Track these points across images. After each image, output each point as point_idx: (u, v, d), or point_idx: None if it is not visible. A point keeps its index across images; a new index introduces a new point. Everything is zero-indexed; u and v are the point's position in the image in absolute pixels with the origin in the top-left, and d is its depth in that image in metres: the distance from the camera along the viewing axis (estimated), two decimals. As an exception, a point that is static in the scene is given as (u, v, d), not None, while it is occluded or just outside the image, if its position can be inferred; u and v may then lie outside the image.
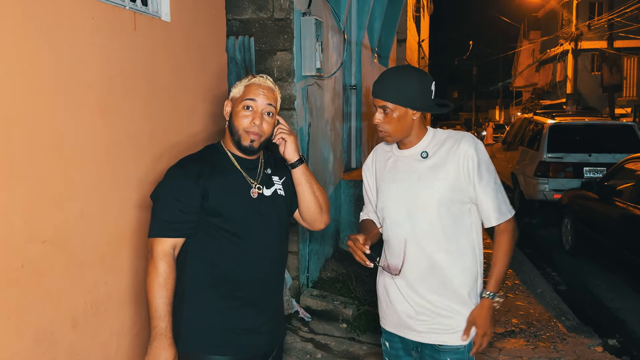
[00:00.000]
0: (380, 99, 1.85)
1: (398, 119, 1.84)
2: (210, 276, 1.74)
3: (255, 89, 1.77)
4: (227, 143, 1.84)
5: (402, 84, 1.83)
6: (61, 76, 2.10)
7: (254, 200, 1.78)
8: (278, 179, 1.89)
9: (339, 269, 4.86)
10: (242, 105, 1.77)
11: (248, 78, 1.82)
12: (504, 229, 1.88)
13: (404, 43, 11.49)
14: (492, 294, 1.86)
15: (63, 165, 2.13)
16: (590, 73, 23.13)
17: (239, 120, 1.76)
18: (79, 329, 2.26)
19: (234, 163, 1.81)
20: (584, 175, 7.76)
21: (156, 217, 1.72)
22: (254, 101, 1.75)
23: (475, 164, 1.84)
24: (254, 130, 1.75)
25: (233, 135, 1.78)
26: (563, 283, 5.66)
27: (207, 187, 1.72)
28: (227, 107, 1.84)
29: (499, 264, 1.88)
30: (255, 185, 1.81)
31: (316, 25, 4.01)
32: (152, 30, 2.72)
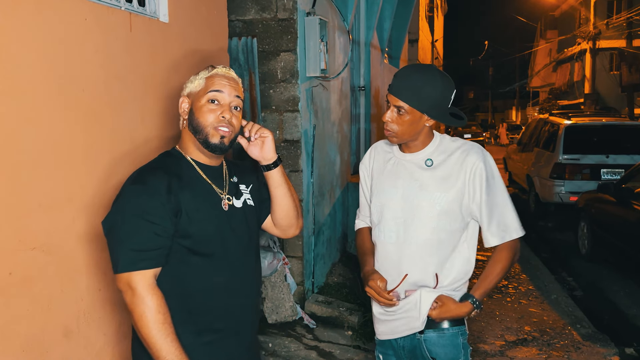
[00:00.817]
0: (397, 98, 1.72)
1: (410, 123, 1.74)
2: (184, 311, 1.51)
3: (220, 79, 1.57)
4: (186, 149, 1.61)
5: (425, 88, 1.70)
6: (52, 79, 2.05)
7: (226, 214, 1.59)
8: (245, 187, 1.72)
9: (346, 273, 4.77)
10: (206, 98, 1.55)
11: (208, 69, 1.61)
12: (507, 246, 1.78)
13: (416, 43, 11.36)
14: (478, 304, 1.77)
15: (53, 170, 2.08)
16: (609, 72, 22.72)
17: (204, 116, 1.54)
18: (72, 337, 2.22)
19: (198, 172, 1.59)
20: (601, 177, 7.59)
21: (123, 247, 1.42)
22: (220, 93, 1.55)
23: (483, 178, 1.74)
24: (223, 125, 1.54)
25: (198, 134, 1.55)
26: (579, 289, 5.50)
27: (179, 203, 1.48)
28: (184, 103, 1.60)
29: (492, 277, 1.78)
30: (225, 195, 1.62)
31: (320, 25, 3.94)
32: (149, 32, 2.67)
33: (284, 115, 3.99)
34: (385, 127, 1.79)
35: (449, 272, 1.79)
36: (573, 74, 25.36)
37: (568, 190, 7.74)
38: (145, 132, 2.64)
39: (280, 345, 3.53)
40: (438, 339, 1.78)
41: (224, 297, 1.56)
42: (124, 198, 1.48)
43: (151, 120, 2.69)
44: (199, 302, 1.53)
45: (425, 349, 1.79)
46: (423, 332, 1.80)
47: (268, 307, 3.83)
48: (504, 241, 1.77)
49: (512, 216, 1.77)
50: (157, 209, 1.44)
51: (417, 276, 1.79)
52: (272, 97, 4.00)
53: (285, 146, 4.04)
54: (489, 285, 1.78)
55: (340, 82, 5.17)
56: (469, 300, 1.77)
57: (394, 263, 1.81)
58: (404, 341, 1.85)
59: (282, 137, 4.03)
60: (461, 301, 1.79)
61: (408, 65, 1.82)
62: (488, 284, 1.78)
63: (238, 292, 1.60)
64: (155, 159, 1.62)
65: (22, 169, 1.93)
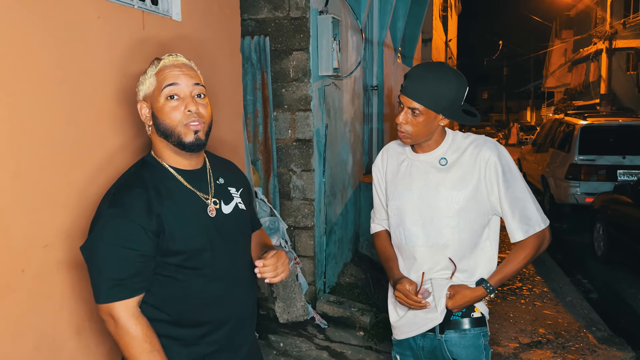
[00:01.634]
0: (411, 99, 1.68)
1: (425, 123, 1.71)
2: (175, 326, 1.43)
3: (170, 70, 1.41)
4: (161, 155, 1.46)
5: (440, 88, 1.66)
6: (65, 77, 2.06)
7: (213, 221, 1.46)
8: (235, 191, 1.57)
9: (358, 274, 4.74)
10: (163, 96, 1.40)
11: (154, 64, 1.45)
12: (534, 234, 1.74)
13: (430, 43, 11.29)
14: (492, 289, 1.73)
15: (65, 168, 2.08)
16: (625, 73, 22.39)
17: (169, 116, 1.39)
18: (83, 335, 2.22)
19: (179, 180, 1.44)
20: (618, 179, 7.47)
21: (103, 277, 1.33)
22: (176, 86, 1.40)
23: (499, 172, 1.70)
24: (192, 119, 1.39)
25: (169, 137, 1.41)
26: (594, 291, 5.42)
27: (161, 222, 1.36)
28: (144, 109, 1.45)
29: (513, 264, 1.74)
30: (211, 200, 1.48)
31: (333, 24, 3.92)
32: (162, 30, 2.67)
33: (296, 114, 3.98)
34: (398, 129, 1.76)
35: (474, 272, 1.77)
36: (589, 74, 25.05)
37: (583, 192, 7.64)
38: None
39: (291, 345, 3.52)
40: (459, 340, 1.76)
41: (217, 310, 1.47)
42: (100, 224, 1.37)
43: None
44: (190, 316, 1.44)
45: (446, 350, 1.76)
46: (444, 332, 1.77)
47: (279, 306, 3.82)
48: (528, 235, 1.73)
49: (534, 208, 1.73)
50: (136, 234, 1.34)
51: (442, 275, 1.76)
52: (284, 96, 3.98)
53: (297, 145, 4.02)
54: (509, 272, 1.74)
55: (353, 82, 5.14)
56: (482, 285, 1.74)
57: (416, 265, 1.79)
58: (424, 341, 1.82)
59: (294, 136, 4.01)
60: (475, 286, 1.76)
61: (419, 65, 1.78)
62: (508, 270, 1.74)
63: (233, 303, 1.51)
64: (131, 173, 1.48)
65: (34, 166, 1.94)
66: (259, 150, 3.91)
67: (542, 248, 1.76)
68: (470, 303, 1.74)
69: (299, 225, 4.04)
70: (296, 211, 4.06)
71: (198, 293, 1.43)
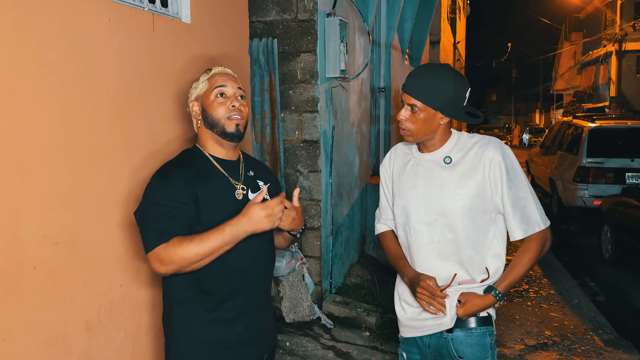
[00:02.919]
0: (410, 96, 1.73)
1: (424, 121, 1.74)
2: (199, 289, 1.66)
3: (220, 76, 1.75)
4: (204, 145, 1.77)
5: (438, 86, 1.71)
6: (76, 78, 2.10)
7: (239, 203, 1.69)
8: (263, 184, 1.81)
9: (364, 275, 4.76)
10: (213, 94, 1.72)
11: (207, 72, 1.79)
12: (535, 236, 1.76)
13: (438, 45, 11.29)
14: (501, 296, 1.75)
15: (78, 167, 2.12)
16: (635, 75, 22.22)
17: (217, 110, 1.70)
18: (93, 331, 2.25)
19: (215, 165, 1.73)
20: (626, 181, 7.42)
21: (150, 229, 1.59)
22: (224, 87, 1.72)
23: (503, 171, 1.73)
24: (234, 113, 1.70)
25: (215, 128, 1.71)
26: (602, 294, 5.40)
27: (196, 192, 1.63)
28: (195, 107, 1.76)
29: (518, 268, 1.76)
30: (240, 186, 1.73)
31: (340, 26, 3.95)
32: (171, 32, 2.71)
33: (303, 115, 4.01)
34: (400, 126, 1.80)
35: (482, 270, 1.78)
36: (598, 77, 24.89)
37: (591, 194, 7.59)
38: (167, 131, 2.68)
39: (297, 344, 3.54)
40: (466, 339, 1.77)
41: (234, 280, 1.67)
42: (149, 190, 1.65)
43: (173, 120, 2.73)
44: (211, 282, 1.64)
45: (453, 348, 1.78)
46: (451, 330, 1.79)
47: (286, 306, 3.84)
48: (527, 235, 1.75)
49: (535, 209, 1.75)
50: (177, 195, 1.60)
51: (448, 274, 1.78)
52: (291, 97, 4.02)
53: (304, 146, 4.05)
54: (515, 277, 1.76)
55: (360, 83, 5.17)
56: (492, 293, 1.76)
57: (423, 264, 1.81)
58: (430, 340, 1.84)
59: (301, 137, 4.04)
60: (484, 294, 1.78)
61: (421, 65, 1.83)
62: (514, 275, 1.76)
63: (249, 277, 1.70)
64: (177, 156, 1.77)
65: (48, 165, 1.98)
66: (266, 151, 3.95)
67: (544, 249, 1.78)
68: (479, 310, 1.77)
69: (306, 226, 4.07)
70: (303, 212, 4.09)
71: (220, 263, 1.62)
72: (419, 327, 1.85)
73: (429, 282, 1.73)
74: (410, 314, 1.88)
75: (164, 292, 1.74)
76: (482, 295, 1.77)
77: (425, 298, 1.75)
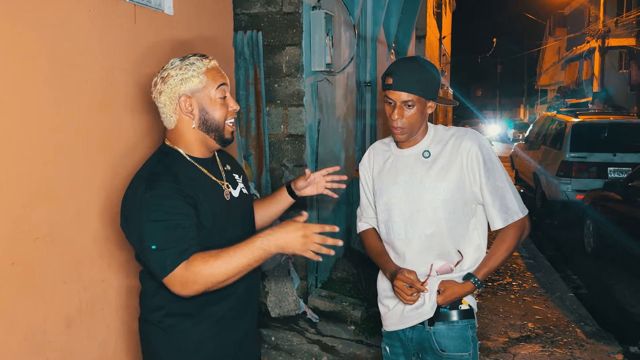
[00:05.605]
0: (404, 92, 1.71)
1: (419, 114, 1.75)
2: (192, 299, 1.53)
3: (216, 71, 1.56)
4: (183, 144, 1.58)
5: (426, 75, 1.73)
6: (55, 70, 2.05)
7: (229, 204, 1.61)
8: (238, 177, 1.74)
9: (350, 269, 4.77)
10: (216, 93, 1.54)
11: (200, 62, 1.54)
12: (514, 224, 1.77)
13: (424, 39, 11.31)
14: (479, 283, 1.76)
15: (57, 160, 2.08)
16: (618, 71, 22.51)
17: (218, 113, 1.54)
18: (74, 327, 2.22)
19: (198, 168, 1.58)
20: (608, 176, 7.53)
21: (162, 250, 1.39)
22: (226, 86, 1.56)
23: (481, 162, 1.74)
24: (232, 120, 1.57)
25: (212, 132, 1.55)
26: (584, 287, 5.49)
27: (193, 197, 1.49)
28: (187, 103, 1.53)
29: (496, 256, 1.77)
30: (225, 184, 1.63)
31: (326, 19, 3.92)
32: (154, 24, 2.66)
33: (288, 109, 3.99)
34: (393, 126, 1.78)
35: (463, 261, 1.79)
36: (582, 73, 25.16)
37: (575, 189, 7.69)
38: (149, 125, 2.64)
39: (283, 339, 3.54)
40: (447, 332, 1.78)
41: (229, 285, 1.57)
42: (143, 208, 1.44)
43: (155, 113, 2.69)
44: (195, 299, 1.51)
45: (435, 341, 1.79)
46: (433, 323, 1.79)
47: (271, 301, 3.83)
48: (507, 224, 1.77)
49: (513, 197, 1.77)
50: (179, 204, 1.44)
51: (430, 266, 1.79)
52: (277, 91, 3.99)
53: (290, 141, 4.03)
54: (494, 264, 1.78)
55: (346, 77, 5.15)
56: (470, 280, 1.77)
57: (406, 259, 1.81)
58: (412, 333, 1.85)
59: (286, 131, 4.02)
60: (463, 281, 1.79)
61: (396, 62, 1.83)
62: (493, 263, 1.78)
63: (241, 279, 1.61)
64: (154, 161, 1.58)
65: (25, 159, 1.94)
66: (251, 145, 3.92)
67: (522, 237, 1.80)
68: (459, 298, 1.78)
69: (291, 220, 4.05)
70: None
71: None
72: (401, 319, 1.85)
73: (409, 275, 1.73)
74: (392, 308, 1.88)
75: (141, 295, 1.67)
76: (461, 282, 1.78)
77: (402, 291, 1.74)
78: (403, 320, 1.84)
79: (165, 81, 1.55)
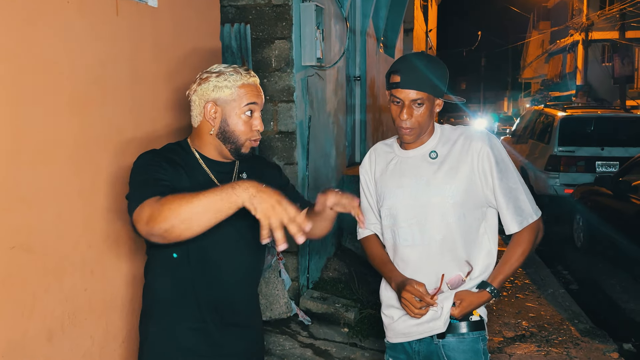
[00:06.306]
0: (414, 90, 1.61)
1: (428, 112, 1.66)
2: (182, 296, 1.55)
3: (252, 89, 1.54)
4: (198, 144, 1.61)
5: (435, 72, 1.64)
6: (31, 66, 1.91)
7: None
8: None
9: (341, 268, 4.68)
10: (243, 110, 1.53)
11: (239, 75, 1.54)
12: (528, 228, 1.69)
13: (411, 33, 11.22)
14: (496, 292, 1.68)
15: (36, 162, 1.95)
16: (601, 64, 22.72)
17: (241, 128, 1.53)
18: (56, 340, 2.10)
19: (202, 166, 1.58)
20: (596, 170, 7.54)
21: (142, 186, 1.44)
22: (256, 105, 1.54)
23: (493, 163, 1.65)
24: (256, 137, 1.56)
25: (229, 144, 1.55)
26: (575, 282, 5.49)
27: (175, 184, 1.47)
28: (213, 110, 1.54)
29: (511, 262, 1.69)
30: None
31: (317, 12, 3.80)
32: (137, 17, 2.53)
33: (278, 105, 3.87)
34: (402, 126, 1.67)
35: (474, 268, 1.71)
36: (565, 66, 25.37)
37: (563, 183, 7.68)
38: (135, 124, 2.51)
39: (274, 343, 3.43)
40: (458, 344, 1.69)
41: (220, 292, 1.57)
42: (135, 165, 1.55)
43: (140, 111, 2.56)
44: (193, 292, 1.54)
45: (444, 355, 1.70)
46: (443, 336, 1.70)
47: (262, 303, 3.72)
48: (523, 227, 1.69)
49: (526, 199, 1.70)
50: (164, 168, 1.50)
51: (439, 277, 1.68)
52: (266, 86, 3.86)
53: (280, 138, 3.91)
54: (509, 271, 1.70)
55: (336, 72, 5.04)
56: (487, 290, 1.69)
57: (413, 266, 1.71)
58: (420, 346, 1.75)
59: (276, 128, 3.90)
60: (479, 290, 1.70)
61: (403, 59, 1.72)
62: (508, 270, 1.70)
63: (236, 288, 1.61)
64: (163, 148, 1.63)
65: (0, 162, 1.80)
66: (240, 142, 3.79)
67: (537, 241, 1.72)
68: (476, 308, 1.70)
69: (282, 220, 3.94)
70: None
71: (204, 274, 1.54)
72: (409, 332, 1.75)
73: (418, 287, 1.62)
74: (397, 319, 1.78)
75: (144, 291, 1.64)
76: (477, 292, 1.69)
77: (410, 304, 1.63)
78: (411, 332, 1.74)
79: (201, 83, 1.56)
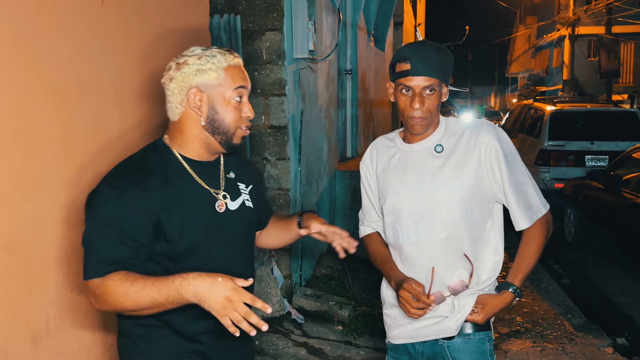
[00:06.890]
0: (426, 76, 1.55)
1: (438, 100, 1.60)
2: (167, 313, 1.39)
3: (239, 71, 1.40)
4: (179, 143, 1.42)
5: (442, 56, 1.58)
6: (13, 57, 1.81)
7: (219, 217, 1.43)
8: (245, 187, 1.54)
9: (334, 265, 4.61)
10: (232, 95, 1.37)
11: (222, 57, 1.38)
12: (538, 222, 1.64)
13: (401, 26, 11.15)
14: (519, 292, 1.63)
15: (16, 162, 1.85)
16: (587, 59, 22.86)
17: (231, 116, 1.38)
18: (41, 344, 2.01)
19: (187, 171, 1.40)
20: (586, 164, 7.55)
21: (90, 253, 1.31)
22: (245, 88, 1.40)
23: (501, 157, 1.59)
24: (247, 124, 1.42)
25: (219, 135, 1.39)
26: (566, 277, 5.48)
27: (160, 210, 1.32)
28: (197, 97, 1.36)
29: (528, 259, 1.64)
30: (221, 194, 1.44)
31: (309, 3, 3.71)
32: (123, 6, 2.43)
33: (269, 99, 3.77)
34: (413, 116, 1.59)
35: (481, 267, 1.64)
36: (552, 60, 25.49)
37: (553, 177, 7.68)
38: (121, 119, 2.41)
39: (267, 342, 3.36)
40: (463, 345, 1.63)
41: None
42: (96, 204, 1.34)
43: (128, 104, 2.46)
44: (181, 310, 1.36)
45: (449, 356, 1.64)
46: (450, 337, 1.64)
47: (254, 301, 3.64)
48: (533, 222, 1.63)
49: (534, 193, 1.64)
50: (130, 215, 1.30)
51: (446, 275, 1.62)
52: (257, 79, 3.77)
53: (272, 132, 3.82)
54: (528, 268, 1.64)
55: (328, 65, 4.95)
56: (510, 290, 1.63)
57: (417, 265, 1.64)
58: (424, 347, 1.68)
59: (268, 122, 3.81)
60: (499, 291, 1.64)
61: (408, 46, 1.65)
62: (527, 266, 1.64)
63: None
64: (138, 155, 1.43)
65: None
66: (230, 137, 3.70)
67: (549, 234, 1.67)
68: (499, 311, 1.64)
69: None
70: (271, 202, 3.87)
71: None
72: (415, 334, 1.68)
73: (416, 287, 1.56)
74: (399, 319, 1.72)
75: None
76: (499, 294, 1.63)
77: (407, 303, 1.57)
78: (415, 333, 1.68)
79: (179, 68, 1.37)
